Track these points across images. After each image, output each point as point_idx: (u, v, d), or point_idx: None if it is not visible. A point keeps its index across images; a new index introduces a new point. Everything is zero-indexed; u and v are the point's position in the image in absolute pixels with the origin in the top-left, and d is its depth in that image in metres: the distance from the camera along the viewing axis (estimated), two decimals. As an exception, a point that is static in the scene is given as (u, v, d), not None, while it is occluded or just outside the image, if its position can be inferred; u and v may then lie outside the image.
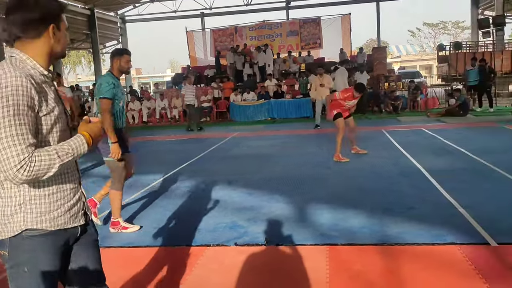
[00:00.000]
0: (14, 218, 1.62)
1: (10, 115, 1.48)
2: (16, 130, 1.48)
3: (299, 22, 22.58)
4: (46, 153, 1.51)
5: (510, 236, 3.53)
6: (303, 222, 4.29)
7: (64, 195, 1.70)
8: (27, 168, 1.46)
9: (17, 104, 1.49)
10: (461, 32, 45.55)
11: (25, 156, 1.46)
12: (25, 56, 1.63)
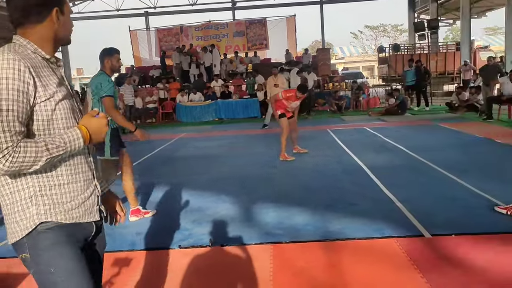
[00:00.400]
0: (25, 213, 1.49)
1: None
2: (2, 116, 1.36)
3: (245, 23, 22.70)
4: (34, 144, 1.39)
5: (443, 228, 3.73)
6: (249, 221, 4.31)
7: (76, 187, 1.57)
8: (9, 159, 1.34)
9: (6, 88, 1.37)
10: (400, 35, 47.64)
11: (8, 145, 1.34)
12: (25, 41, 1.52)
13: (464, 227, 3.73)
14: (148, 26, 25.52)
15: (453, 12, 24.43)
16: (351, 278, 2.98)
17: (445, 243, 3.45)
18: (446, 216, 4.07)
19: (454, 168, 5.85)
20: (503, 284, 2.78)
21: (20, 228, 1.49)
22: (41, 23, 1.53)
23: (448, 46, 22.60)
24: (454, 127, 10.07)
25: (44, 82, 1.47)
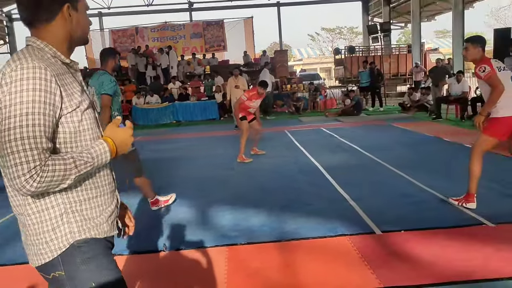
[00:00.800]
0: (56, 232, 1.37)
1: (23, 114, 1.24)
2: (29, 132, 1.24)
3: (202, 24, 22.60)
4: (62, 161, 1.28)
5: (393, 225, 3.85)
6: (205, 224, 4.29)
7: (104, 200, 1.48)
8: (37, 179, 1.22)
9: (33, 101, 1.25)
10: (355, 37, 48.81)
11: (36, 165, 1.23)
12: (42, 43, 1.38)
13: (413, 223, 3.87)
14: (102, 27, 24.88)
15: (404, 16, 25.30)
16: (305, 277, 3.02)
17: (395, 239, 3.56)
18: (397, 213, 4.20)
19: (405, 166, 6.05)
20: (450, 277, 2.90)
21: (50, 249, 1.37)
22: (52, 21, 1.40)
23: (400, 48, 23.40)
24: (406, 126, 10.43)
25: (69, 91, 1.36)
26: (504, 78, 3.98)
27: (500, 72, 3.99)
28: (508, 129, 4.03)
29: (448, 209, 4.20)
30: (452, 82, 11.35)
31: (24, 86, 1.25)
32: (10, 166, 1.23)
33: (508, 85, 3.98)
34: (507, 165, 6.03)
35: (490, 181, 4.32)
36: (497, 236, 3.49)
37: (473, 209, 4.07)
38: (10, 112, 1.24)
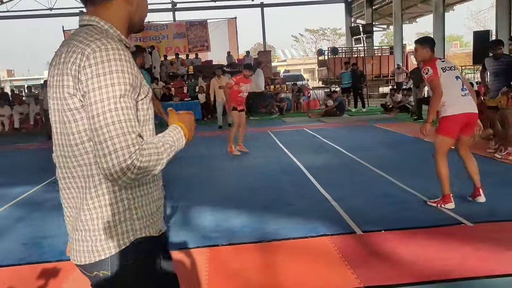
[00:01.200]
0: (118, 229, 1.26)
1: (117, 96, 1.15)
2: (124, 114, 1.14)
3: (185, 24, 22.46)
4: (153, 145, 1.19)
5: (373, 225, 3.87)
6: (186, 226, 4.25)
7: (158, 195, 1.37)
8: (137, 164, 1.13)
9: (124, 83, 1.17)
10: (338, 39, 49.15)
11: (135, 148, 1.13)
12: (106, 24, 1.28)
13: (393, 223, 3.90)
14: (83, 26, 24.54)
15: (386, 18, 25.60)
16: (285, 277, 3.01)
17: (375, 239, 3.58)
18: (377, 213, 4.23)
19: (387, 167, 6.10)
20: (429, 276, 2.92)
21: (109, 246, 1.26)
22: (113, 1, 1.29)
23: (382, 50, 23.64)
24: (388, 127, 10.53)
25: (139, 76, 1.26)
26: (449, 78, 4.08)
27: (445, 73, 4.08)
28: (458, 126, 4.11)
29: (428, 209, 4.25)
30: (432, 84, 11.48)
31: (112, 67, 1.16)
32: (108, 153, 1.13)
33: (453, 85, 4.08)
34: (483, 164, 6.11)
35: (467, 180, 4.39)
36: (475, 236, 3.53)
37: (452, 209, 4.12)
38: (101, 95, 1.15)
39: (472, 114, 4.11)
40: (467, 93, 4.14)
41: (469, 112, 4.09)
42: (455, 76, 4.13)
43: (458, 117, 4.06)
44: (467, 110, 4.08)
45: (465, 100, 4.10)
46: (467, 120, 4.10)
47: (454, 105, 4.05)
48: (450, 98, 4.04)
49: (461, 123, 4.09)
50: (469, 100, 4.13)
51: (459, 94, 4.08)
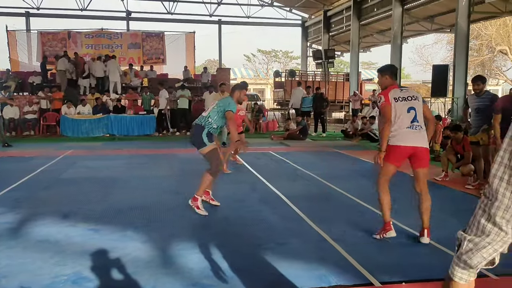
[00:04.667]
0: None
1: None
2: None
3: (141, 34, 21.62)
4: None
5: (389, 274, 3.42)
6: (168, 267, 3.58)
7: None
8: None
9: None
10: (290, 61, 49.86)
11: None
12: None
13: (409, 272, 3.47)
14: (29, 28, 22.93)
15: (342, 45, 26.12)
16: None
17: (398, 293, 3.13)
18: (386, 258, 3.80)
19: (372, 200, 5.72)
20: None
21: None
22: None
23: (338, 76, 23.98)
24: (355, 155, 10.35)
25: None
26: (399, 109, 4.04)
27: (397, 103, 4.05)
28: (401, 157, 4.10)
29: (438, 254, 3.88)
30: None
31: None
32: None
33: (402, 116, 4.03)
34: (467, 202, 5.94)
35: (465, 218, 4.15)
36: (506, 291, 3.19)
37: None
38: None
39: (418, 147, 4.04)
40: (417, 125, 4.05)
41: (413, 146, 4.02)
42: (408, 107, 4.05)
43: (401, 149, 4.03)
44: (412, 144, 4.03)
45: (412, 132, 4.03)
46: (412, 153, 4.05)
47: (400, 136, 4.02)
48: (398, 128, 4.01)
49: (405, 155, 4.07)
50: (417, 133, 4.05)
51: (407, 126, 4.01)
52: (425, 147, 4.09)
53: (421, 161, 4.11)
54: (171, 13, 25.39)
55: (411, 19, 19.19)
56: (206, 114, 5.15)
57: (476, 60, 30.73)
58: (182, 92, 14.86)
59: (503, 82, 33.65)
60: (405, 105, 4.05)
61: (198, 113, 16.14)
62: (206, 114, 5.15)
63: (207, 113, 5.14)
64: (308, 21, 27.77)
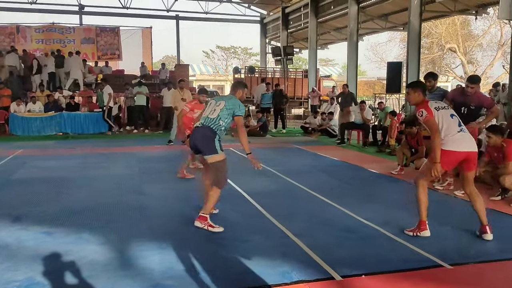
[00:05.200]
0: None
1: None
2: None
3: (95, 29, 20.96)
4: None
5: (349, 268, 3.45)
6: (127, 269, 3.47)
7: None
8: None
9: None
10: (249, 58, 49.87)
11: None
12: None
13: (369, 265, 3.52)
14: (-27, 21, 21.69)
15: (300, 42, 26.37)
16: None
17: (358, 286, 3.17)
18: (347, 252, 3.85)
19: (332, 195, 5.84)
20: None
21: None
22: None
23: (296, 72, 24.20)
24: (314, 150, 10.48)
25: None
26: (445, 117, 4.12)
27: (439, 112, 4.13)
28: (454, 162, 4.14)
29: (397, 247, 3.98)
30: (355, 110, 11.78)
31: None
32: None
33: (450, 122, 4.12)
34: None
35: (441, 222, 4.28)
36: (461, 280, 3.31)
37: (424, 249, 3.87)
38: None
39: (471, 152, 4.10)
40: (464, 129, 4.14)
41: (468, 151, 4.07)
42: (450, 114, 4.18)
43: (456, 154, 4.05)
44: (467, 149, 4.07)
45: (464, 137, 4.10)
46: (466, 158, 4.09)
47: (454, 142, 4.05)
48: (448, 134, 4.06)
49: (458, 160, 4.10)
50: (469, 137, 4.14)
51: (457, 130, 4.09)
52: (476, 151, 4.15)
53: (472, 164, 4.17)
54: (127, 8, 24.73)
55: (366, 17, 19.62)
56: (215, 115, 4.42)
57: (427, 58, 31.90)
58: (140, 89, 14.52)
59: (452, 78, 35.15)
60: (446, 112, 4.16)
61: (156, 110, 15.82)
62: (215, 116, 4.42)
63: (216, 114, 4.42)
64: (266, 18, 27.84)
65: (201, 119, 4.55)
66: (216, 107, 4.49)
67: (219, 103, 4.52)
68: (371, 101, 21.39)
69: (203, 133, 4.45)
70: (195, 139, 4.50)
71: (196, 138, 4.49)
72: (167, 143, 11.39)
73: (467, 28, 31.27)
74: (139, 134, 14.40)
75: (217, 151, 4.41)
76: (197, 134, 4.50)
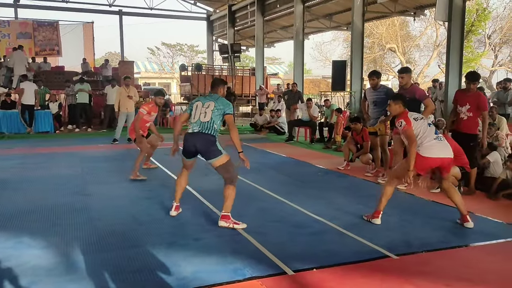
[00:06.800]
0: None
1: None
2: None
3: (33, 24, 19.88)
4: None
5: (301, 262, 3.50)
6: (73, 273, 3.31)
7: None
8: None
9: None
10: (196, 56, 49.33)
11: None
12: None
13: (320, 259, 3.59)
14: None
15: (247, 40, 26.42)
16: None
17: (310, 280, 3.22)
18: (299, 247, 3.90)
19: (283, 192, 5.90)
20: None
21: None
22: None
23: (244, 70, 24.24)
24: (262, 147, 10.57)
25: None
26: (422, 126, 4.44)
27: (417, 122, 4.46)
28: (427, 168, 4.49)
29: (346, 240, 4.09)
30: (303, 108, 11.97)
31: None
32: None
33: (427, 131, 4.43)
34: (369, 189, 6.35)
35: (387, 214, 4.46)
36: (406, 269, 3.44)
37: (372, 241, 4.00)
38: None
39: (445, 158, 4.38)
40: (440, 137, 4.44)
41: (442, 157, 4.36)
42: (427, 123, 4.50)
43: (430, 160, 4.34)
44: (441, 155, 4.36)
45: (441, 144, 4.39)
46: (440, 164, 4.39)
47: (429, 148, 4.33)
48: (425, 142, 4.34)
49: (432, 166, 4.42)
50: (445, 145, 4.42)
51: (433, 138, 4.37)
52: (450, 157, 4.41)
53: (447, 168, 4.45)
54: (66, 1, 23.66)
55: (311, 17, 19.99)
56: (207, 119, 4.35)
57: (369, 57, 33.05)
58: (81, 86, 13.95)
59: (392, 77, 36.64)
60: (424, 122, 4.47)
61: (99, 108, 15.26)
62: (208, 119, 4.35)
63: (208, 117, 4.34)
64: (213, 15, 27.65)
65: (194, 124, 4.44)
66: (206, 110, 4.38)
67: (207, 104, 4.40)
68: (317, 99, 21.86)
69: (204, 139, 4.37)
70: (194, 145, 4.41)
71: (196, 144, 4.41)
72: (112, 142, 11.03)
73: (406, 29, 32.75)
74: (81, 133, 13.84)
75: (221, 153, 4.42)
76: (197, 140, 4.40)
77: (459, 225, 4.52)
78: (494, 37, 29.27)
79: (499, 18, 28.60)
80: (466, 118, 5.88)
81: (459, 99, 6.06)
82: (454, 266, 3.51)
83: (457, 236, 4.24)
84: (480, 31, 27.01)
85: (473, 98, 5.84)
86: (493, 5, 42.02)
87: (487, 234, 4.31)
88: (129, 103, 10.73)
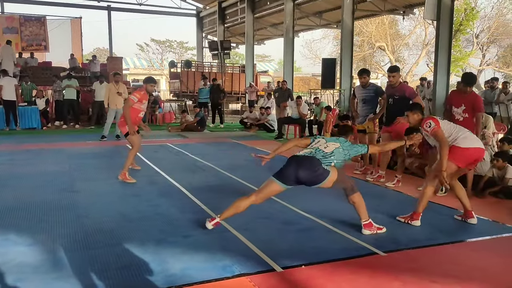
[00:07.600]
0: None
1: None
2: None
3: (19, 18, 19.60)
4: None
5: (290, 259, 3.51)
6: (60, 270, 3.28)
7: None
8: None
9: None
10: (185, 52, 49.09)
11: None
12: None
13: (309, 256, 3.60)
14: None
15: (237, 37, 26.39)
16: None
17: (299, 276, 3.23)
18: (287, 244, 3.91)
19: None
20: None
21: None
22: None
23: (234, 67, 24.19)
24: (251, 144, 10.56)
25: None
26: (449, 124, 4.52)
27: (443, 121, 4.51)
28: (469, 159, 4.42)
29: (334, 237, 4.11)
30: (292, 105, 11.99)
31: None
32: None
33: (456, 127, 4.51)
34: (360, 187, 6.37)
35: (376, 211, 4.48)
36: (394, 266, 3.46)
37: (360, 238, 4.03)
38: None
39: (484, 150, 4.44)
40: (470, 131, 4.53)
41: (483, 148, 4.43)
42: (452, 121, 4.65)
43: (472, 150, 4.34)
44: (482, 146, 4.43)
45: (475, 137, 4.48)
46: (479, 155, 4.41)
47: (469, 139, 4.35)
48: (461, 134, 4.35)
49: (476, 157, 4.40)
50: (478, 138, 4.53)
51: (466, 131, 4.44)
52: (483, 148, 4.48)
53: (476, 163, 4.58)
54: (54, -4, 23.42)
55: (301, 14, 20.02)
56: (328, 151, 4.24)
57: (359, 55, 33.22)
58: (69, 82, 13.80)
59: (381, 75, 36.87)
60: (445, 120, 4.55)
61: (87, 104, 15.14)
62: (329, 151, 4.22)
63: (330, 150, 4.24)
64: (203, 12, 27.56)
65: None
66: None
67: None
68: (307, 97, 21.92)
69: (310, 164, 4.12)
70: (299, 170, 4.17)
71: (301, 169, 4.16)
72: (100, 138, 10.94)
73: (395, 27, 32.96)
74: (69, 129, 13.70)
75: (329, 172, 3.98)
76: (301, 163, 4.22)
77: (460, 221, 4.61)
78: (482, 36, 29.64)
79: (487, 17, 28.99)
80: (461, 120, 5.63)
81: (454, 100, 5.82)
82: (441, 263, 3.54)
83: (444, 234, 4.28)
84: (468, 30, 27.28)
85: (469, 99, 5.64)
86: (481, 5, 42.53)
87: (474, 231, 4.37)
88: (118, 100, 10.64)
